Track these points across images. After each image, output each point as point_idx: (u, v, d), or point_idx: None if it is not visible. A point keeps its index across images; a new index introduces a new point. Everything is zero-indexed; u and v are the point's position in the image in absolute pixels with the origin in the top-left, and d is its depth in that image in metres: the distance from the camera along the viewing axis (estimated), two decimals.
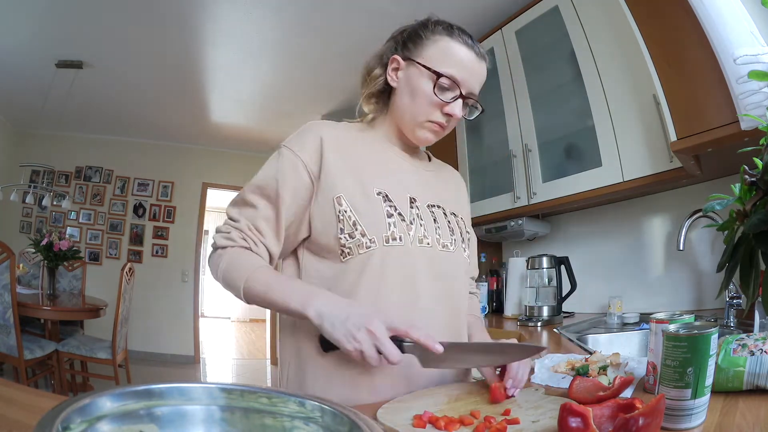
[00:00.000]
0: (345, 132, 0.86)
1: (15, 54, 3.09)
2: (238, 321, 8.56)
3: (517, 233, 2.25)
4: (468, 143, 2.46)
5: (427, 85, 0.80)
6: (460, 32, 0.82)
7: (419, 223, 0.82)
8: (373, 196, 0.79)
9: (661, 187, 1.75)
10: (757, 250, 0.62)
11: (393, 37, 0.89)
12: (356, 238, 0.77)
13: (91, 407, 0.35)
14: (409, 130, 0.85)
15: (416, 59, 0.81)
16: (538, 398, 0.70)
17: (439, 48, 0.80)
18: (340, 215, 0.78)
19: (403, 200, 0.82)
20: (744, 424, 0.55)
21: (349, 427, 0.39)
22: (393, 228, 0.78)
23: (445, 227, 0.87)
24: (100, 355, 2.98)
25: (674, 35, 1.27)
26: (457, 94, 0.80)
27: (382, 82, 0.87)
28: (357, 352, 0.66)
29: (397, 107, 0.86)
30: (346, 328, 0.67)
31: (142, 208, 5.00)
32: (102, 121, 4.45)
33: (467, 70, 0.80)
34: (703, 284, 1.69)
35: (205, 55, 3.09)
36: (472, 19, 2.36)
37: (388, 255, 0.78)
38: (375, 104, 0.90)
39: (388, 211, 0.79)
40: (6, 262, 2.52)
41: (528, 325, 1.78)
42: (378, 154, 0.86)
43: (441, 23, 0.83)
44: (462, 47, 0.80)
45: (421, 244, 0.81)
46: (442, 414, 0.62)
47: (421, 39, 0.82)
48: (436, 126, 0.83)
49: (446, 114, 0.82)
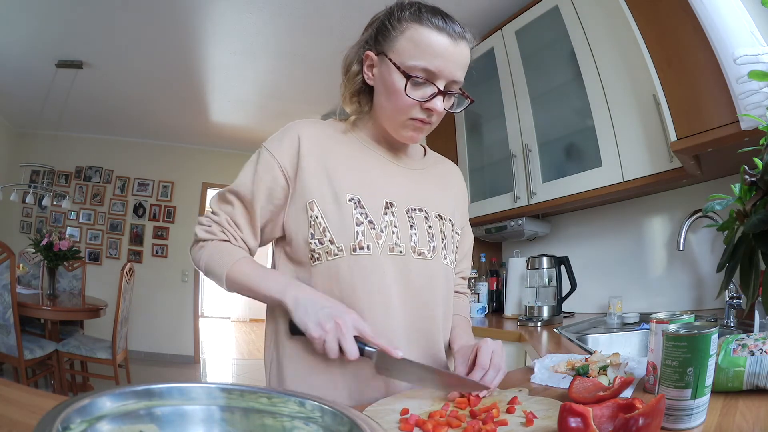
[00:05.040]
0: (326, 132, 0.84)
1: (15, 54, 3.09)
2: (238, 321, 8.56)
3: (517, 233, 2.25)
4: (468, 143, 2.46)
5: (400, 83, 0.75)
6: (429, 14, 0.74)
7: (392, 230, 0.80)
8: (345, 203, 0.78)
9: (661, 187, 1.75)
10: (757, 250, 0.62)
11: (366, 28, 0.84)
12: (325, 245, 0.77)
13: (91, 407, 0.35)
14: (392, 129, 0.82)
15: (387, 54, 0.76)
16: (523, 398, 0.69)
17: (407, 39, 0.74)
18: (311, 220, 0.78)
19: (378, 206, 0.80)
20: (744, 424, 0.55)
21: (349, 427, 0.39)
22: (360, 237, 0.77)
23: (424, 233, 0.84)
24: (100, 355, 2.98)
25: (674, 35, 1.27)
26: (435, 89, 0.75)
27: (361, 80, 0.83)
28: (320, 340, 0.68)
29: (377, 106, 0.82)
30: (317, 316, 0.69)
31: (142, 208, 5.00)
32: (102, 121, 4.45)
33: (441, 58, 0.73)
34: (703, 284, 1.69)
35: (205, 55, 3.10)
36: (472, 19, 2.36)
37: (356, 264, 0.77)
38: (357, 104, 0.86)
39: (358, 218, 0.78)
40: (6, 262, 2.52)
41: (528, 325, 1.78)
42: (357, 157, 0.84)
43: (408, 7, 0.76)
44: (433, 33, 0.73)
45: (392, 253, 0.79)
46: (426, 415, 0.61)
47: (389, 31, 0.76)
48: (418, 123, 0.78)
49: (427, 109, 0.77)
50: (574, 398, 0.65)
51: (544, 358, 0.96)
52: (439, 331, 0.87)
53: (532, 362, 0.92)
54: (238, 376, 4.69)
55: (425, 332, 0.84)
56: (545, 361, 0.93)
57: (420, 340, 0.83)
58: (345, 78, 0.85)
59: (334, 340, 0.68)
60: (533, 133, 2.02)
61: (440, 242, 0.86)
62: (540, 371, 0.87)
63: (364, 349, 0.70)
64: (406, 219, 0.82)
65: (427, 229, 0.84)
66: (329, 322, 0.68)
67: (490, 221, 2.30)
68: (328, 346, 0.68)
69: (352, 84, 0.84)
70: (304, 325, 0.70)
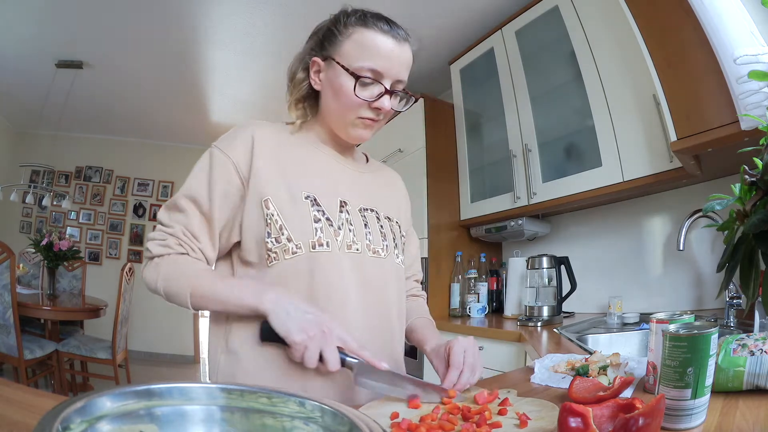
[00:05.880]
0: (278, 133, 0.84)
1: (15, 54, 3.09)
2: None
3: (517, 233, 2.25)
4: (468, 143, 2.46)
5: (349, 84, 0.77)
6: (374, 19, 0.78)
7: (348, 228, 0.80)
8: (301, 200, 0.78)
9: (661, 187, 1.75)
10: (757, 250, 0.62)
11: (311, 36, 0.86)
12: (282, 243, 0.76)
13: (91, 407, 0.35)
14: (341, 129, 0.83)
15: (334, 58, 0.78)
16: (514, 400, 0.69)
17: (354, 42, 0.77)
18: (267, 219, 0.76)
19: (333, 204, 0.81)
20: (744, 424, 0.55)
21: (349, 427, 0.39)
22: (320, 233, 0.77)
23: (377, 232, 0.85)
24: (100, 355, 2.98)
25: (674, 35, 1.27)
26: (383, 88, 0.78)
27: (307, 86, 0.85)
28: (302, 346, 0.66)
29: (325, 109, 0.84)
30: (302, 320, 0.68)
31: (142, 208, 5.00)
32: (102, 121, 4.45)
33: (387, 58, 0.77)
34: (703, 284, 1.69)
35: (205, 55, 3.09)
36: (472, 19, 2.36)
37: (315, 261, 0.76)
38: (303, 109, 0.87)
39: (316, 215, 0.78)
40: (6, 262, 2.52)
41: (528, 325, 1.78)
42: (309, 157, 0.84)
43: (354, 13, 0.79)
44: (377, 35, 0.76)
45: (350, 250, 0.80)
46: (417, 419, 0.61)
47: (335, 36, 0.79)
48: (367, 121, 0.81)
49: (375, 108, 0.79)
50: (574, 398, 0.65)
51: (544, 358, 0.96)
52: (395, 329, 0.88)
53: (532, 362, 0.92)
54: None
55: (382, 330, 0.84)
56: (545, 361, 0.93)
57: (377, 338, 0.83)
58: (291, 85, 0.87)
59: (317, 348, 0.66)
60: (533, 133, 2.02)
61: (392, 242, 0.88)
62: (540, 371, 0.87)
63: (345, 359, 0.68)
64: (360, 218, 0.84)
65: (380, 229, 0.86)
66: (314, 328, 0.67)
67: (490, 221, 2.30)
68: (308, 353, 0.66)
69: (297, 90, 0.85)
70: (285, 329, 0.68)
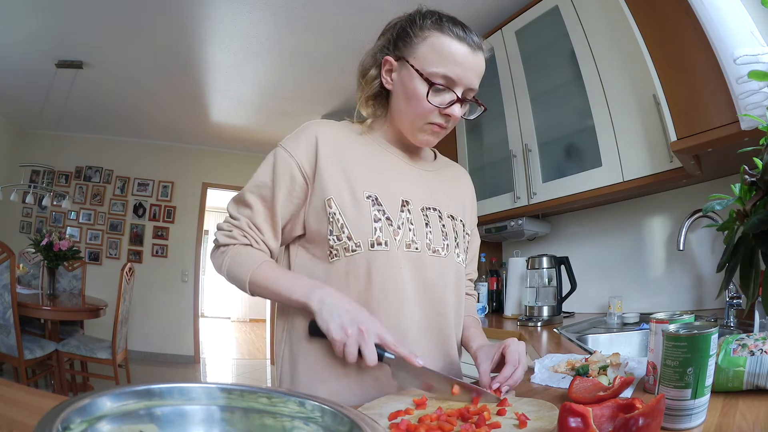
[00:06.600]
0: (342, 132, 0.86)
1: (15, 54, 3.09)
2: (238, 321, 8.55)
3: (517, 233, 2.25)
4: (468, 143, 2.46)
5: (422, 89, 0.77)
6: (450, 24, 0.77)
7: (408, 227, 0.81)
8: (363, 200, 0.79)
9: (661, 187, 1.75)
10: (757, 250, 0.62)
11: (384, 33, 0.86)
12: (343, 241, 0.78)
13: (91, 407, 0.35)
14: (409, 132, 0.84)
15: (408, 59, 0.79)
16: (513, 400, 0.69)
17: (429, 46, 0.77)
18: (330, 217, 0.79)
19: (395, 203, 0.82)
20: (744, 424, 0.55)
21: (349, 427, 0.39)
22: (379, 233, 0.78)
23: (438, 231, 0.85)
24: (100, 355, 2.98)
25: (674, 35, 1.27)
26: (454, 96, 0.78)
27: (378, 84, 0.85)
28: (341, 344, 0.69)
29: (395, 110, 0.84)
30: (341, 319, 0.70)
31: (142, 208, 5.00)
32: (102, 121, 4.45)
33: (462, 66, 0.77)
34: (703, 284, 1.69)
35: (205, 55, 3.09)
36: (472, 19, 2.36)
37: (374, 259, 0.78)
38: (373, 107, 0.88)
39: (376, 215, 0.79)
40: (6, 262, 2.52)
41: (528, 325, 1.78)
42: (373, 156, 0.86)
43: (429, 16, 0.79)
44: (453, 42, 0.76)
45: (409, 249, 0.81)
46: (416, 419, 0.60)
47: (410, 37, 0.79)
48: (435, 127, 0.81)
49: (445, 115, 0.80)
50: (574, 398, 0.65)
51: (544, 358, 0.96)
52: (451, 328, 0.88)
53: (532, 362, 0.92)
54: (238, 376, 4.69)
55: (438, 328, 0.85)
56: (545, 361, 0.93)
57: (433, 337, 0.84)
58: (362, 81, 0.86)
59: (355, 345, 0.69)
60: (533, 133, 2.02)
61: (453, 241, 0.88)
62: (540, 371, 0.87)
63: (383, 355, 0.70)
64: (421, 217, 0.84)
65: (441, 228, 0.86)
66: (352, 326, 0.69)
67: (490, 221, 2.30)
68: (347, 350, 0.69)
69: (369, 88, 0.85)
70: (326, 327, 0.71)
